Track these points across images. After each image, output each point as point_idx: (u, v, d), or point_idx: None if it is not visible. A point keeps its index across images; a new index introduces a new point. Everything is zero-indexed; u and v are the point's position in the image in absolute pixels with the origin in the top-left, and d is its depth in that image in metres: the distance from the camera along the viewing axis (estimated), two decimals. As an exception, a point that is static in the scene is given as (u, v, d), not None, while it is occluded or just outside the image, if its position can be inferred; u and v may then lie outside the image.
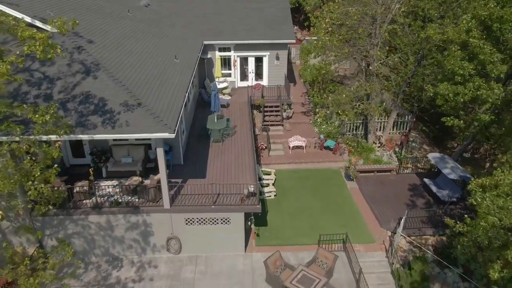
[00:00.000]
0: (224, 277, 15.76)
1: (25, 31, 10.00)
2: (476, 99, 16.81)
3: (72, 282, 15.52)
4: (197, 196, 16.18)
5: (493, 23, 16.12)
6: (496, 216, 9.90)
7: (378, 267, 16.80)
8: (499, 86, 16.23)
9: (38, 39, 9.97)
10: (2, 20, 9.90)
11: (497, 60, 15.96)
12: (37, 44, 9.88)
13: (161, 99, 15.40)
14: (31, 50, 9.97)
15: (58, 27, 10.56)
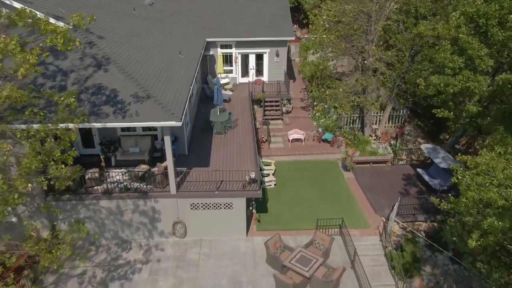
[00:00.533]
0: (227, 258, 16.82)
1: (48, 25, 11.08)
2: (465, 91, 17.85)
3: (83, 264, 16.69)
4: (201, 183, 17.24)
5: (480, 19, 17.19)
6: (475, 192, 10.94)
7: (372, 250, 17.85)
8: (486, 79, 17.29)
9: (59, 33, 11.04)
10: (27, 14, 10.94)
11: (484, 55, 17.02)
12: (58, 37, 10.95)
13: (167, 91, 16.46)
14: (52, 43, 11.06)
15: (77, 21, 11.64)
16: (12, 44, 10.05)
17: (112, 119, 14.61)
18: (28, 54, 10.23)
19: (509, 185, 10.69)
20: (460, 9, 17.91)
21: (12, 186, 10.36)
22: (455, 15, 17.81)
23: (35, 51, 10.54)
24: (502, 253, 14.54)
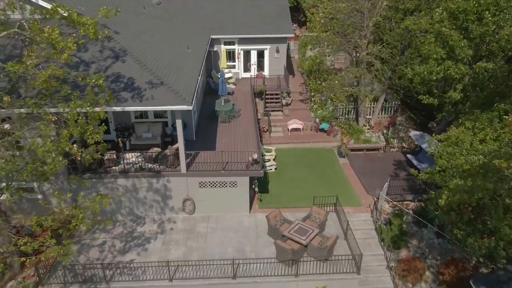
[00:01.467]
0: (232, 231, 18.73)
1: (80, 18, 13.03)
2: (448, 78, 19.80)
3: (102, 235, 18.64)
4: (208, 164, 19.16)
5: (460, 14, 19.14)
6: (445, 159, 12.87)
7: (364, 225, 19.77)
8: (466, 68, 19.27)
9: (90, 24, 13.00)
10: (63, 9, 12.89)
11: (464, 46, 18.98)
12: (90, 28, 12.90)
13: (178, 80, 18.40)
14: (85, 33, 13.00)
15: (105, 13, 13.58)
16: (55, 33, 12.00)
17: (130, 103, 16.56)
18: (69, 42, 12.19)
19: (474, 153, 12.61)
20: (443, 5, 19.87)
21: (59, 149, 12.31)
22: (438, 10, 19.77)
23: (73, 39, 12.49)
24: (476, 221, 16.55)
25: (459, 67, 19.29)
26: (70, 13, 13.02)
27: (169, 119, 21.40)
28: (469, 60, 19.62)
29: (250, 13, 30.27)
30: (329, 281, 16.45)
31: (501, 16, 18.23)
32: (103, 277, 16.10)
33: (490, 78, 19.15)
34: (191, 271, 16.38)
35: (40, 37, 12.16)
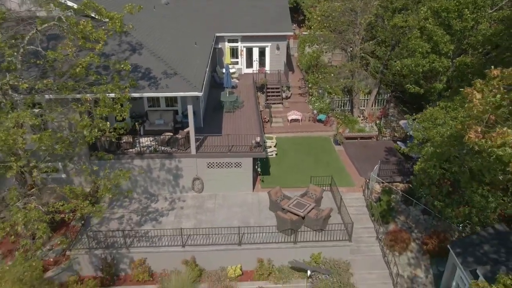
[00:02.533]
0: (237, 207, 20.92)
1: (109, 13, 15.27)
2: (432, 70, 22.06)
3: (120, 210, 20.83)
4: (215, 147, 21.35)
5: (442, 12, 21.42)
6: (420, 132, 15.12)
7: (356, 202, 21.97)
8: (448, 61, 21.52)
9: (116, 18, 15.24)
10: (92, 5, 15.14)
11: (447, 41, 21.26)
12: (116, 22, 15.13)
13: (189, 71, 20.60)
14: (113, 26, 15.22)
15: (129, 9, 15.80)
16: (89, 26, 14.24)
17: (147, 90, 18.78)
18: (100, 33, 14.44)
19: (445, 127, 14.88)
20: (428, 4, 22.17)
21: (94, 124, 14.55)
22: (423, 9, 22.08)
23: (102, 31, 14.73)
24: (454, 194, 18.77)
25: (442, 61, 21.56)
26: (100, 9, 15.27)
27: (179, 108, 23.63)
28: (452, 54, 21.89)
29: (252, 13, 32.52)
30: (324, 248, 18.66)
31: (478, 13, 20.53)
32: (123, 244, 18.29)
33: (469, 70, 21.40)
34: (201, 239, 18.58)
35: (76, 28, 14.41)
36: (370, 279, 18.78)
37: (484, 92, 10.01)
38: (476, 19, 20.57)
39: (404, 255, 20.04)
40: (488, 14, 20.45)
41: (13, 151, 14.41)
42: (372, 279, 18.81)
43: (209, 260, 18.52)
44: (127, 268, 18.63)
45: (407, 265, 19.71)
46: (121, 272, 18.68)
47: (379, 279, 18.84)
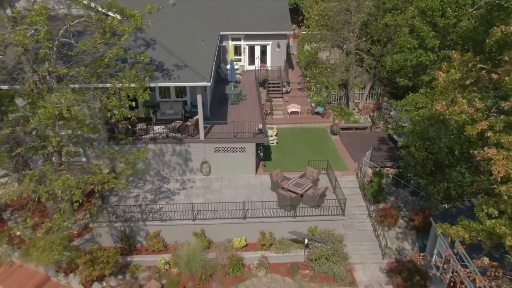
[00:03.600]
0: (242, 188, 23.18)
1: (131, 11, 17.62)
2: (419, 64, 24.38)
3: (136, 191, 23.09)
4: (222, 134, 23.63)
5: (428, 11, 23.75)
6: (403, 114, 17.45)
7: (350, 184, 24.21)
8: (434, 55, 23.85)
9: (138, 16, 17.57)
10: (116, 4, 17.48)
11: (432, 36, 23.59)
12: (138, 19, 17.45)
13: (197, 64, 22.85)
14: (135, 23, 17.53)
15: (149, 9, 18.12)
16: (116, 21, 16.57)
17: (162, 81, 21.08)
18: (125, 27, 16.77)
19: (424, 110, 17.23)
20: (415, 4, 24.53)
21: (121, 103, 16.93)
22: (411, 8, 24.44)
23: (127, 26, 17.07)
24: (436, 173, 21.05)
25: (428, 55, 23.89)
26: (123, 8, 17.62)
27: (188, 99, 25.94)
28: (437, 49, 24.21)
29: (254, 13, 34.85)
30: (320, 222, 20.91)
31: (460, 11, 22.88)
32: (140, 218, 20.56)
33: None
34: (209, 213, 20.85)
35: (104, 23, 16.75)
36: (362, 250, 21.02)
37: (449, 72, 12.28)
38: (458, 17, 22.91)
39: (392, 230, 22.29)
40: (468, 12, 22.79)
41: (49, 127, 16.69)
42: (363, 250, 21.05)
43: (216, 233, 20.77)
44: (143, 240, 20.90)
45: (395, 238, 21.96)
46: (137, 244, 20.94)
47: (369, 250, 21.08)
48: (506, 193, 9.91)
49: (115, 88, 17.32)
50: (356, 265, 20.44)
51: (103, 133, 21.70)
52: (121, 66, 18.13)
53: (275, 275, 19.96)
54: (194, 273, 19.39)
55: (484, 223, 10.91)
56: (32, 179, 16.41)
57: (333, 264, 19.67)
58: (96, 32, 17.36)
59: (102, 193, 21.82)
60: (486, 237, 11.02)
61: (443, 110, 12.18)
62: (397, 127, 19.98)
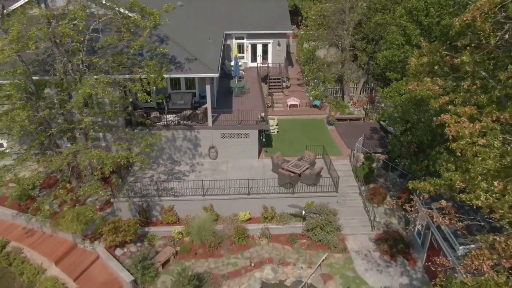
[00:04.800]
0: (246, 169, 25.92)
1: (151, 10, 20.45)
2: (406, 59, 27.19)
3: (150, 172, 25.85)
4: (227, 121, 26.42)
5: (414, 11, 26.62)
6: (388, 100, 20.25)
7: (344, 167, 26.96)
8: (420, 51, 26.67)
9: (156, 14, 20.40)
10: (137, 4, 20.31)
11: (417, 34, 26.45)
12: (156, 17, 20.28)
13: (206, 58, 25.66)
14: (154, 20, 20.36)
15: (166, 8, 20.96)
16: (138, 17, 19.41)
17: (174, 72, 23.90)
18: (147, 22, 19.63)
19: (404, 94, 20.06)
20: (402, 5, 27.42)
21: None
22: (399, 8, 27.32)
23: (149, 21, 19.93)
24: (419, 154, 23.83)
25: (414, 51, 26.71)
26: (143, 7, 20.50)
27: (196, 91, 28.76)
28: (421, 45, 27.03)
29: (257, 14, 37.74)
30: (316, 197, 23.65)
31: (442, 11, 25.74)
32: (156, 194, 23.33)
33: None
34: (217, 191, 23.61)
35: (128, 20, 19.61)
36: (353, 223, 23.76)
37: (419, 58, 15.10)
38: (440, 16, 25.76)
39: (381, 207, 25.03)
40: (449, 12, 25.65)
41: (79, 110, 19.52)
42: (354, 223, 23.79)
43: (224, 208, 23.51)
44: (158, 214, 23.64)
45: (384, 214, 24.71)
46: (153, 217, 23.67)
47: (360, 223, 23.82)
48: (456, 149, 12.61)
49: (139, 75, 20.12)
50: (348, 236, 23.16)
51: (122, 120, 24.59)
52: (142, 58, 20.94)
53: (276, 244, 22.69)
54: (204, 241, 22.13)
55: (443, 176, 13.64)
56: (70, 152, 19.18)
57: (327, 234, 22.40)
58: (122, 28, 20.15)
59: (121, 173, 24.59)
60: (446, 189, 13.73)
61: (414, 89, 14.95)
62: (383, 112, 22.78)
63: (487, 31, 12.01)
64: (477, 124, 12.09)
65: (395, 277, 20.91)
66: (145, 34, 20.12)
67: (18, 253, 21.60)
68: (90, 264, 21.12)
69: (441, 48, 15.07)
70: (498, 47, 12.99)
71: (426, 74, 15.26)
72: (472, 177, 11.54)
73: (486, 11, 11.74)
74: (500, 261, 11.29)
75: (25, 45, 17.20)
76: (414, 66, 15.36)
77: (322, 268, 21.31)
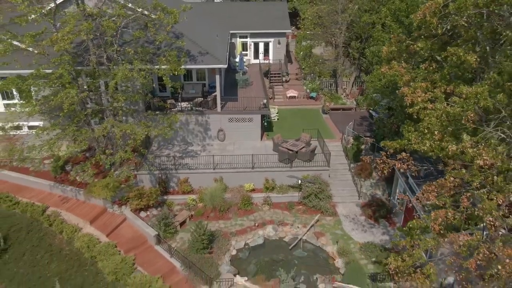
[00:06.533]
0: (250, 149, 30.14)
1: (172, 10, 24.81)
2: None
3: (167, 151, 30.16)
4: (234, 108, 30.77)
5: (396, 11, 31.02)
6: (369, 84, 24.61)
7: (336, 148, 31.24)
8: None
9: (176, 13, 24.77)
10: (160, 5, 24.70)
11: (400, 32, 30.81)
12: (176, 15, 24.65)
13: (215, 52, 30.03)
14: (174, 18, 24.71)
15: (184, 8, 25.33)
16: (162, 15, 23.80)
17: (188, 64, 28.27)
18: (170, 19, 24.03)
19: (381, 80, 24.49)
20: (387, 7, 31.86)
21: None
22: (384, 9, 31.76)
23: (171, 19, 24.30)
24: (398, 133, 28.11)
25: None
26: (165, 7, 24.91)
27: (206, 81, 33.15)
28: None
29: (259, 15, 42.21)
30: (311, 171, 27.90)
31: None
32: (173, 167, 27.63)
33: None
34: (226, 165, 27.90)
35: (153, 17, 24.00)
36: (343, 193, 28.01)
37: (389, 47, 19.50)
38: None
39: (368, 181, 29.31)
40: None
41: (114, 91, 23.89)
42: (344, 193, 28.05)
43: (231, 180, 27.75)
44: (175, 185, 27.91)
45: (370, 187, 28.98)
46: (170, 188, 27.95)
47: (349, 193, 28.08)
48: (413, 112, 16.87)
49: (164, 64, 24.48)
50: (338, 203, 27.43)
51: (142, 105, 28.96)
52: (164, 49, 25.37)
53: (276, 210, 26.96)
54: (216, 206, 26.39)
55: (405, 136, 17.92)
56: (109, 124, 23.52)
57: (320, 201, 26.66)
58: (148, 24, 24.56)
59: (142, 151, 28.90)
60: (407, 145, 18.02)
61: (386, 72, 19.26)
62: (366, 95, 27.06)
63: (434, 24, 16.36)
64: (427, 93, 16.40)
65: (377, 235, 25.12)
66: (167, 29, 24.48)
67: (57, 215, 25.73)
68: (119, 224, 25.35)
69: (406, 39, 19.44)
70: (445, 35, 17.37)
71: (395, 59, 19.59)
72: (421, 131, 15.85)
73: (433, 9, 16.10)
74: (443, 193, 15.59)
75: (77, 36, 21.59)
76: (385, 54, 19.75)
77: (315, 228, 25.55)
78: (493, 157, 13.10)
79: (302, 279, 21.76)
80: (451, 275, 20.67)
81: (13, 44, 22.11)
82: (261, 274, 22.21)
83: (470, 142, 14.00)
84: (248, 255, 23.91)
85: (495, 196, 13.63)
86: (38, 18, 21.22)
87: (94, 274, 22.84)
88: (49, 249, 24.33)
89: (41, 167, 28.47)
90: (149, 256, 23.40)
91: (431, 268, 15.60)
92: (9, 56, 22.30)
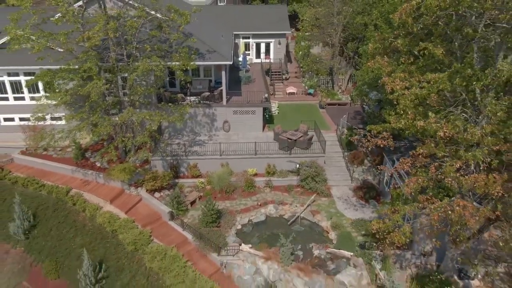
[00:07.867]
0: (252, 139, 33.45)
1: (183, 11, 28.17)
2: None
3: (177, 141, 33.49)
4: (238, 102, 34.13)
5: (386, 13, 34.43)
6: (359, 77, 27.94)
7: (331, 139, 34.51)
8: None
9: (187, 14, 28.14)
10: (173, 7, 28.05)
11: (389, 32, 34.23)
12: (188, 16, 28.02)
13: (221, 50, 33.44)
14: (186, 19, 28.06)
15: (195, 10, 28.72)
16: (175, 15, 27.20)
17: (197, 61, 31.60)
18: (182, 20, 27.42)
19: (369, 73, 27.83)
20: (377, 9, 35.31)
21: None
22: (375, 11, 35.23)
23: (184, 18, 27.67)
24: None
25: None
26: (177, 9, 28.33)
27: (212, 78, 36.54)
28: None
29: (260, 17, 45.66)
30: (308, 158, 31.18)
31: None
32: (183, 154, 30.96)
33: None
34: (231, 152, 31.22)
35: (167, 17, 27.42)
36: (337, 178, 31.31)
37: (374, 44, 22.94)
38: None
39: (360, 168, 32.62)
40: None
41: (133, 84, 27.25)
42: (338, 178, 31.33)
43: (236, 165, 31.06)
44: (185, 170, 31.22)
45: (362, 172, 32.26)
46: (181, 173, 31.26)
47: (342, 177, 31.36)
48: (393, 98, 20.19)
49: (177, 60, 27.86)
50: (332, 186, 30.71)
51: (155, 98, 32.33)
52: (177, 47, 28.80)
53: (276, 192, 30.25)
54: (222, 188, 29.70)
55: (387, 119, 21.29)
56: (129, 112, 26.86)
57: (317, 184, 29.95)
58: (163, 24, 27.97)
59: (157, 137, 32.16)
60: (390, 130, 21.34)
61: (371, 66, 22.62)
62: (356, 87, 30.43)
63: (410, 23, 19.75)
64: (404, 82, 19.77)
65: (367, 213, 28.35)
66: (180, 29, 27.86)
67: (79, 196, 29.00)
68: (136, 203, 28.63)
69: (390, 37, 22.84)
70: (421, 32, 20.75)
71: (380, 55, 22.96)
72: (398, 113, 19.23)
73: (408, 10, 19.48)
74: (416, 164, 18.94)
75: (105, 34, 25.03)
76: (371, 50, 23.17)
77: (312, 207, 28.85)
78: (451, 129, 16.44)
79: (299, 247, 25.00)
80: (430, 244, 24.00)
81: (48, 42, 25.46)
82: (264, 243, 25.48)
83: (435, 119, 17.35)
84: (251, 229, 27.13)
85: (455, 163, 16.96)
86: (71, 18, 24.52)
87: (115, 245, 26.08)
88: (74, 224, 27.59)
89: (63, 154, 31.81)
90: (163, 230, 26.66)
91: (407, 227, 18.89)
92: (41, 53, 25.65)
